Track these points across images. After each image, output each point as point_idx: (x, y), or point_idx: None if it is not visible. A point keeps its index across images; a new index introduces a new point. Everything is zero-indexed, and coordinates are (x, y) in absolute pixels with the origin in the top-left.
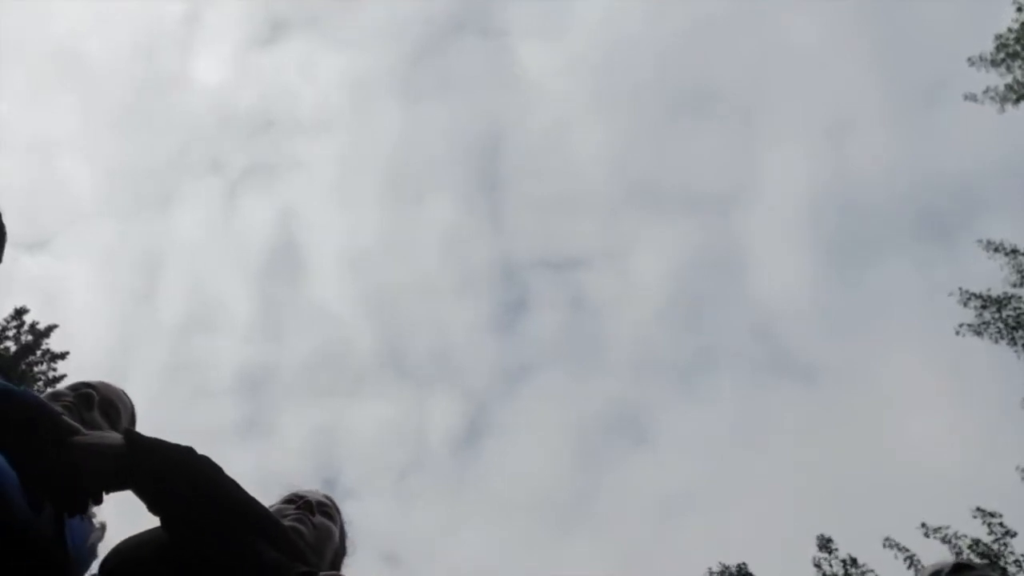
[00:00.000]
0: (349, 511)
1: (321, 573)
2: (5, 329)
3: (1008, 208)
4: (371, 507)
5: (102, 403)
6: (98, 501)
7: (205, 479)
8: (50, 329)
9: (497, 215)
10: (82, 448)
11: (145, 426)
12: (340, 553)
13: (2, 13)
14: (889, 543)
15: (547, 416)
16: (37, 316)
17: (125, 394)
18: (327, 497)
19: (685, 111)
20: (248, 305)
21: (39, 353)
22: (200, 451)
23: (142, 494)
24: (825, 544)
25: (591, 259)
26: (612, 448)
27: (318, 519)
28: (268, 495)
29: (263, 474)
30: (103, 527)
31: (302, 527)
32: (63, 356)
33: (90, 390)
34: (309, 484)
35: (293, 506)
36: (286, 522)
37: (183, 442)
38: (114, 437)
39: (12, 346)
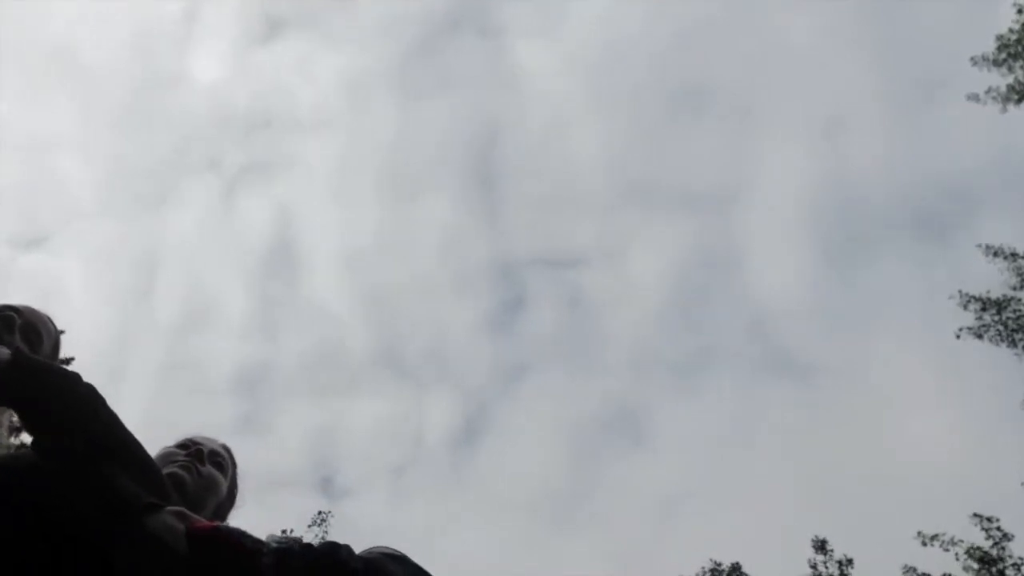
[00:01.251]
0: (347, 509)
1: (169, 507)
2: None
3: (1005, 207)
4: (368, 505)
5: (24, 327)
6: None
7: (82, 407)
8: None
9: (494, 213)
10: None
11: (143, 425)
12: (226, 506)
13: None
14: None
15: (544, 414)
16: None
17: (52, 321)
18: (224, 447)
19: (682, 109)
20: (245, 303)
21: None
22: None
23: (19, 411)
24: (821, 546)
25: (589, 258)
26: (609, 447)
27: (206, 468)
28: (268, 493)
29: (261, 471)
30: (18, 447)
31: (185, 474)
32: (67, 362)
33: (12, 313)
34: (301, 479)
35: (184, 452)
36: (172, 467)
37: (182, 439)
38: (2, 352)
39: None
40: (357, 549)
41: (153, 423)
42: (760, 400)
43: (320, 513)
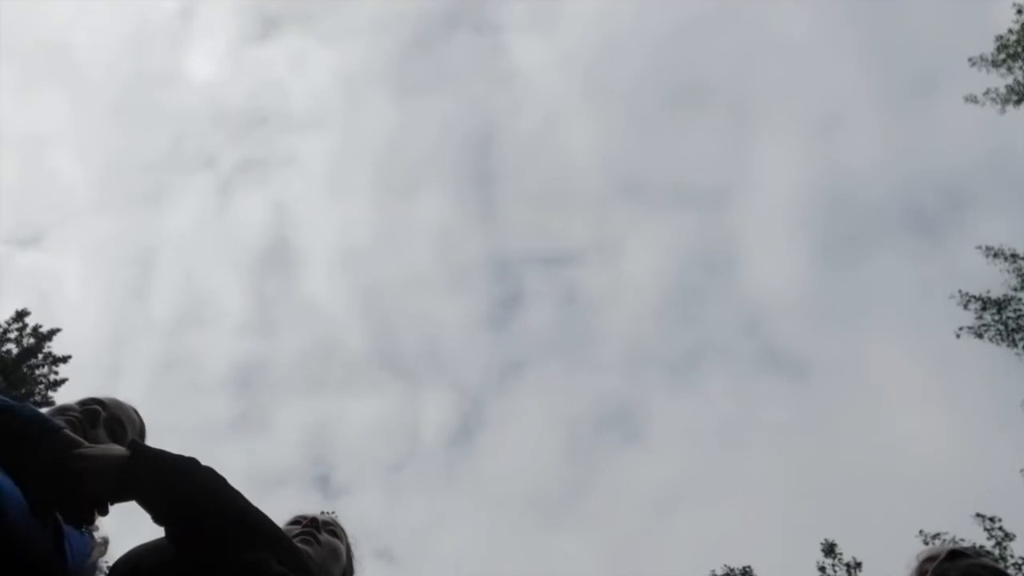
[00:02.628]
0: (343, 507)
1: None
2: (7, 332)
3: (999, 204)
4: (364, 502)
5: (108, 420)
6: (103, 512)
7: (209, 490)
8: (52, 333)
9: (490, 210)
10: (86, 459)
11: None
12: (348, 572)
13: None
14: None
15: (540, 412)
16: (30, 312)
17: (136, 411)
18: (332, 517)
19: (677, 106)
20: (241, 301)
21: (41, 356)
22: (204, 463)
23: (146, 504)
24: (830, 549)
25: (584, 255)
26: (604, 443)
27: (324, 537)
28: (264, 491)
29: (257, 469)
30: (105, 542)
31: (308, 548)
32: (65, 360)
33: (97, 406)
34: (298, 477)
35: (299, 526)
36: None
37: (176, 436)
38: (118, 449)
39: (14, 348)
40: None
41: (150, 421)
42: (756, 397)
43: (322, 513)
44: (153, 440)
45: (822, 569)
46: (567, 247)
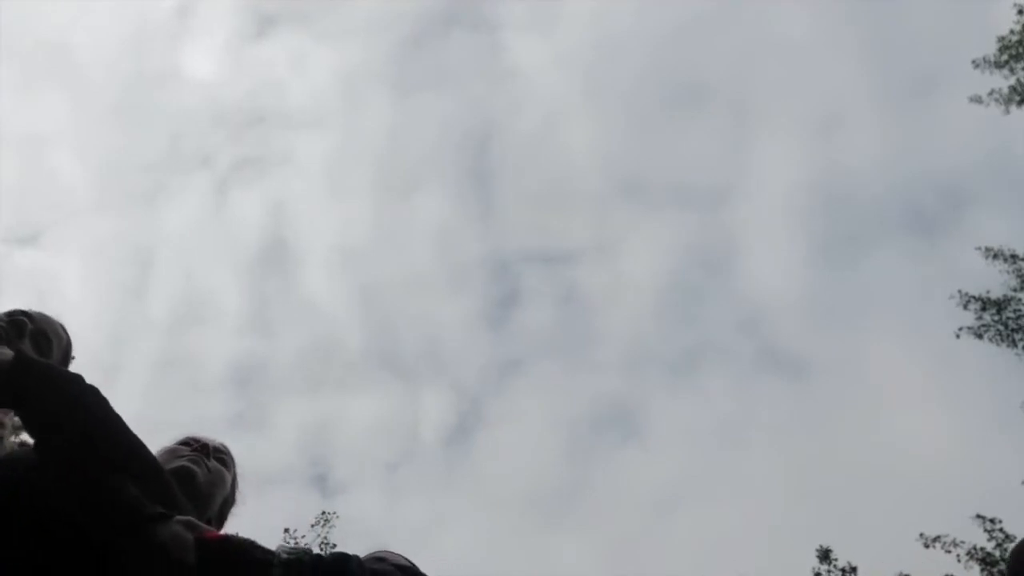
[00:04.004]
0: (341, 505)
1: (177, 516)
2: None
3: (998, 204)
4: (362, 501)
5: (35, 333)
6: None
7: (85, 408)
8: None
9: (489, 209)
10: None
11: (138, 421)
12: (229, 501)
13: None
14: None
15: (538, 411)
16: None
17: (63, 327)
18: (223, 445)
19: (676, 105)
20: (239, 300)
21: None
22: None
23: (22, 413)
24: (825, 555)
25: (583, 254)
26: (603, 443)
27: (213, 463)
28: (263, 490)
29: (255, 468)
30: (21, 447)
31: (195, 468)
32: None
33: (24, 318)
34: (296, 476)
35: (189, 448)
36: (180, 461)
37: (174, 434)
38: (5, 353)
39: None
40: (364, 551)
41: (148, 420)
42: (755, 396)
43: (324, 513)
44: (152, 439)
45: (817, 575)
46: (566, 246)
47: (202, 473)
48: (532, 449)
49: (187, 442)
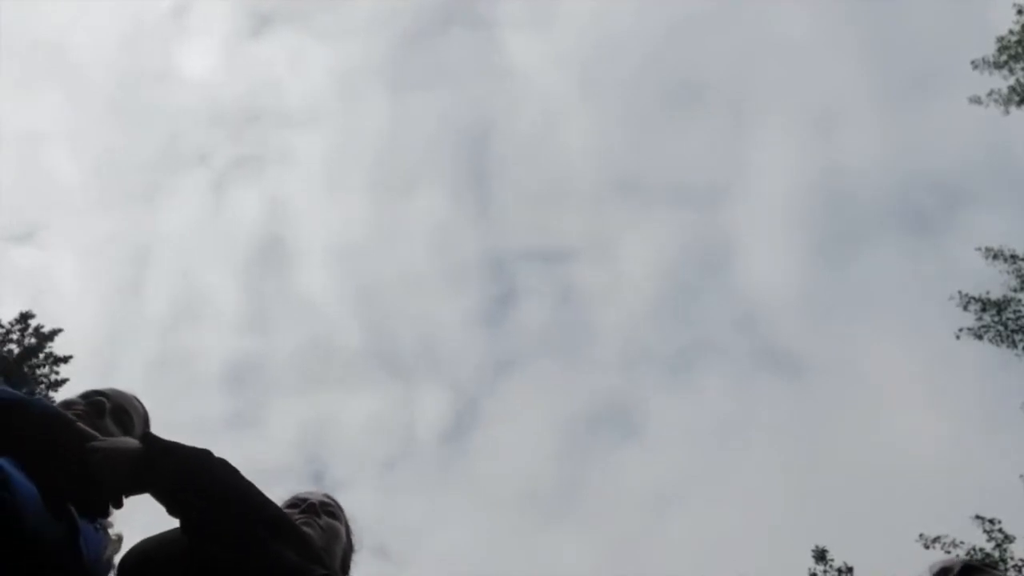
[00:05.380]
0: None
1: None
2: (9, 332)
3: (995, 202)
4: (359, 499)
5: (114, 410)
6: (118, 505)
7: (223, 482)
8: (54, 333)
9: (486, 208)
10: (100, 452)
11: None
12: (348, 551)
13: None
14: None
15: (535, 409)
16: (35, 314)
17: (138, 399)
18: (328, 497)
19: (674, 103)
20: (236, 298)
21: (42, 356)
22: (216, 454)
23: (160, 497)
24: (821, 555)
25: (580, 252)
26: (600, 441)
27: (324, 520)
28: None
29: (253, 466)
30: (119, 539)
31: (311, 531)
32: (66, 360)
33: (102, 398)
34: (292, 474)
35: (297, 510)
36: None
37: (172, 433)
38: (131, 442)
39: (16, 349)
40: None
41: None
42: (752, 395)
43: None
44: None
45: (813, 575)
46: (563, 244)
47: (318, 533)
48: (529, 447)
49: (294, 503)
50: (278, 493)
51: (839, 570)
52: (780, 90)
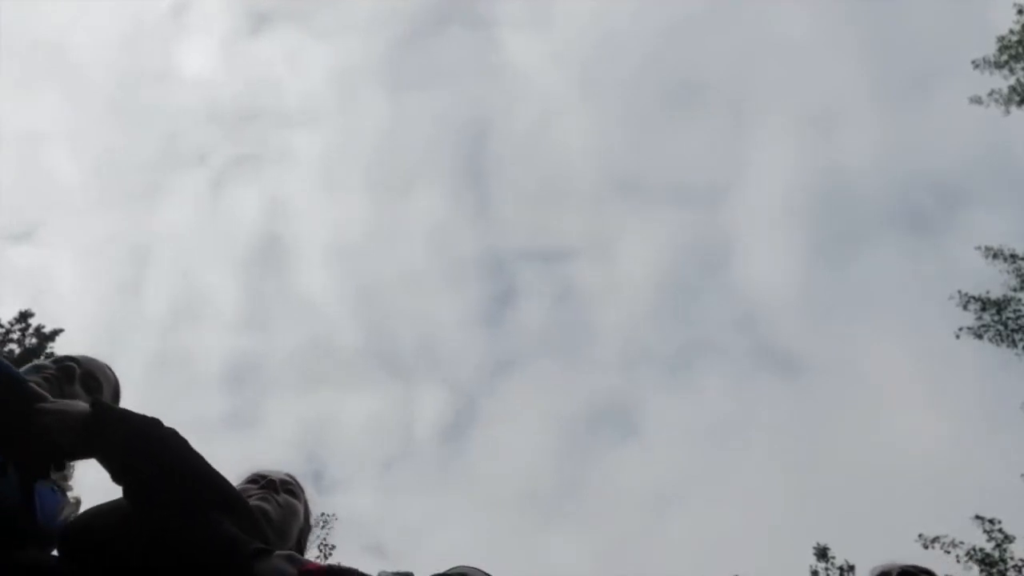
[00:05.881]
0: (336, 503)
1: (277, 552)
2: (9, 332)
3: (993, 202)
4: (357, 499)
5: (84, 376)
6: (60, 467)
7: (170, 451)
8: (55, 333)
9: (484, 207)
10: (48, 414)
11: None
12: (305, 530)
13: None
14: None
15: (534, 409)
16: (34, 313)
17: (110, 368)
18: (289, 476)
19: (673, 103)
20: (235, 297)
21: (43, 356)
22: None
23: (106, 463)
24: (822, 553)
25: (579, 251)
26: (600, 441)
27: (282, 497)
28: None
29: (251, 465)
30: (77, 502)
31: (267, 506)
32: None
33: (72, 363)
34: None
35: (256, 486)
36: (252, 501)
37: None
38: (81, 406)
39: (16, 349)
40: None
41: None
42: (751, 395)
43: (323, 515)
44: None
45: (815, 573)
46: (562, 244)
47: (274, 510)
48: (529, 447)
49: (254, 479)
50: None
51: (840, 568)
52: (780, 90)
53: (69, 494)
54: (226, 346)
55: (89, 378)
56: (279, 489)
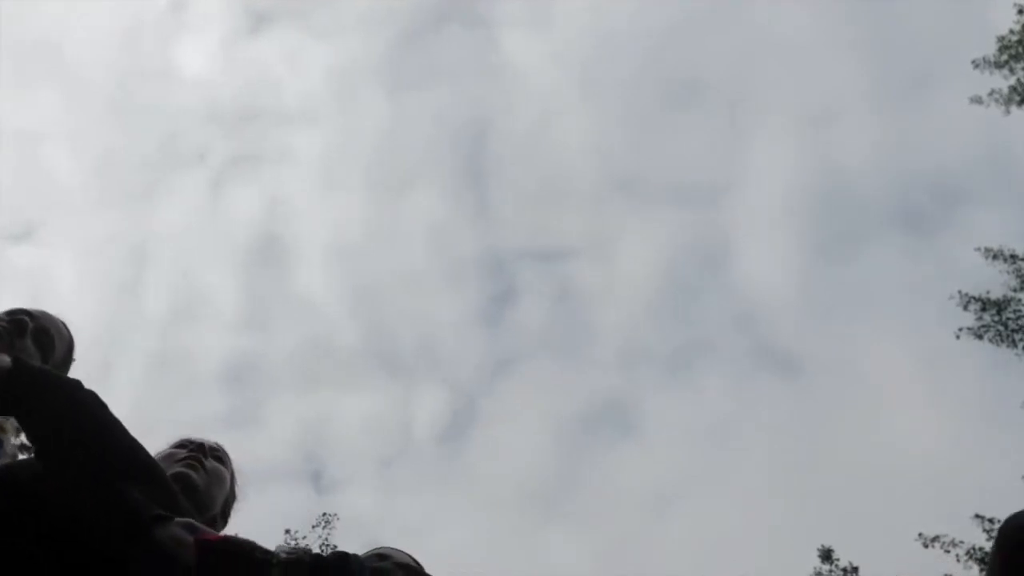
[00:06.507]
0: (335, 502)
1: (177, 519)
2: None
3: (993, 202)
4: (357, 498)
5: (36, 331)
6: None
7: (85, 414)
8: None
9: (484, 206)
10: None
11: (133, 418)
12: (231, 499)
13: None
14: None
15: (533, 408)
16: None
17: (65, 325)
18: (218, 444)
19: (673, 103)
20: (235, 296)
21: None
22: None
23: (21, 420)
24: (827, 555)
25: (578, 251)
26: (599, 440)
27: (210, 463)
28: (258, 487)
29: (250, 465)
30: (15, 455)
31: (192, 472)
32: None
33: (25, 316)
34: (290, 473)
35: (185, 450)
36: (177, 467)
37: (168, 432)
38: (4, 360)
39: None
40: (364, 551)
41: (143, 417)
42: (752, 395)
43: (324, 515)
44: (148, 436)
45: (819, 574)
46: (561, 243)
47: (200, 476)
48: (527, 446)
49: (182, 444)
50: (274, 489)
51: (844, 570)
52: (779, 89)
53: (7, 447)
54: (225, 345)
55: (42, 333)
56: (208, 454)
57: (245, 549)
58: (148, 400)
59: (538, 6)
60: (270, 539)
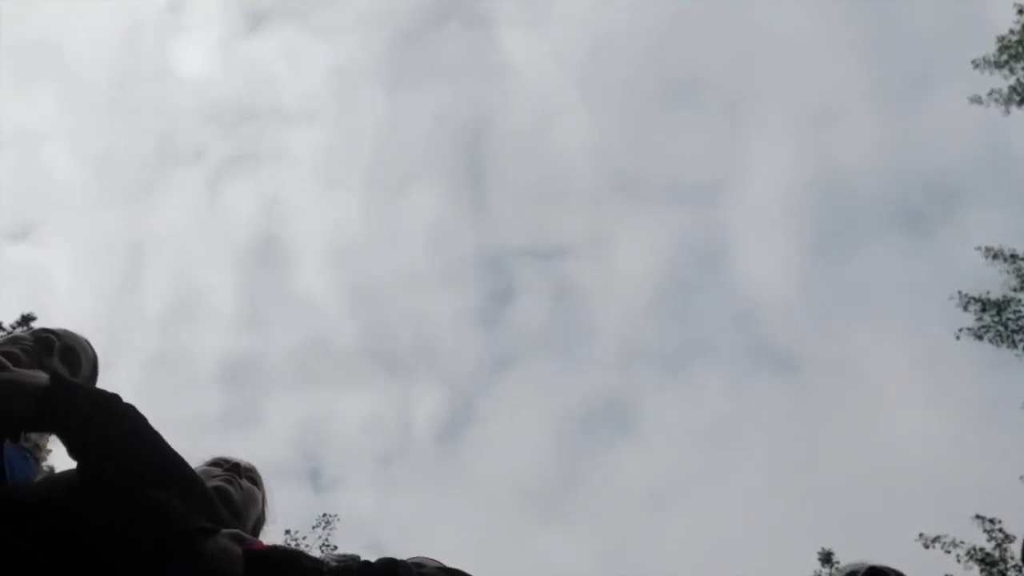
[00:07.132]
0: (334, 501)
1: (224, 530)
2: (10, 335)
3: (990, 201)
4: (356, 498)
5: (62, 349)
6: (15, 439)
7: (126, 427)
8: None
9: (482, 205)
10: (3, 383)
11: None
12: (261, 519)
13: None
14: None
15: (532, 407)
16: (36, 316)
17: (89, 343)
18: (252, 464)
19: (671, 102)
20: (233, 296)
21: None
22: (130, 404)
23: (61, 436)
24: (827, 558)
25: (576, 249)
26: (597, 439)
27: (245, 483)
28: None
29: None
30: (51, 471)
31: (230, 487)
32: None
33: (51, 335)
34: (288, 472)
35: (220, 468)
36: (215, 482)
37: (167, 431)
38: (41, 377)
39: None
40: (363, 551)
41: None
42: (750, 394)
43: (325, 515)
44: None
45: None
46: (560, 242)
47: (236, 492)
48: (526, 446)
49: (217, 463)
50: (273, 489)
51: None
52: (778, 88)
53: (44, 465)
54: (224, 345)
55: (68, 351)
56: (242, 474)
57: (293, 558)
58: (148, 400)
59: (538, 6)
60: (270, 540)
